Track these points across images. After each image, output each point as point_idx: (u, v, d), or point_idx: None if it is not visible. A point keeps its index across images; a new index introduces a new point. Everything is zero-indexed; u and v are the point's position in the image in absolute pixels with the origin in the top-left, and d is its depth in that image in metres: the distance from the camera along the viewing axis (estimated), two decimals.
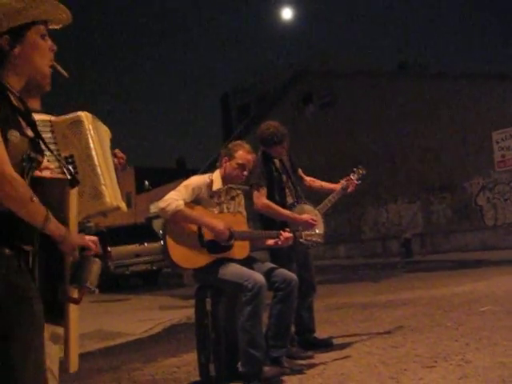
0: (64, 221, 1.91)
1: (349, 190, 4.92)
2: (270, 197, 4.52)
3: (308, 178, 5.08)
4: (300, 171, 5.04)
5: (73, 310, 1.93)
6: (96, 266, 1.93)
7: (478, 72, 17.42)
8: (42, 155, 1.95)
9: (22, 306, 1.77)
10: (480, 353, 3.92)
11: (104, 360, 5.36)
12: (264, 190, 4.50)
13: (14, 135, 1.77)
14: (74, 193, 1.96)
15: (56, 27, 2.04)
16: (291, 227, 4.35)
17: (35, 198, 1.76)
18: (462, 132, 16.60)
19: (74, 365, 1.95)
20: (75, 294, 1.91)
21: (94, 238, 1.98)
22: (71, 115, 2.25)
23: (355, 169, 5.05)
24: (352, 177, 4.98)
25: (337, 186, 4.96)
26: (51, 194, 1.94)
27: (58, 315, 1.94)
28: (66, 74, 2.51)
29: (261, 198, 4.46)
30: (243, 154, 4.04)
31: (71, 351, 1.94)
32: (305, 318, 4.74)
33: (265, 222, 4.59)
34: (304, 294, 4.61)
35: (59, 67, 2.23)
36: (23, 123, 1.87)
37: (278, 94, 24.26)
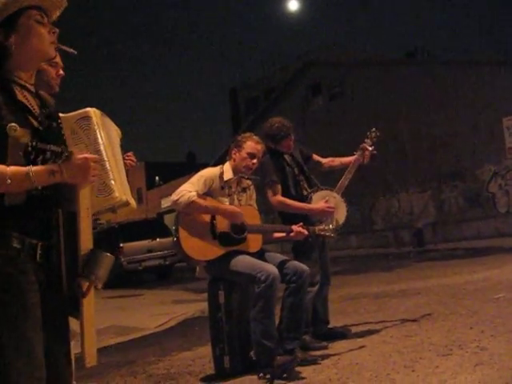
0: (76, 211, 1.93)
1: (364, 160, 4.77)
2: (286, 192, 4.52)
3: (326, 160, 5.02)
4: (315, 156, 5.00)
5: (87, 305, 1.93)
6: (107, 260, 1.94)
7: (488, 58, 17.28)
8: (59, 145, 1.92)
9: (12, 296, 1.78)
10: (495, 340, 3.89)
11: (119, 355, 5.39)
12: (278, 187, 4.49)
13: (13, 129, 1.77)
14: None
15: (56, 14, 2.03)
16: (311, 218, 4.38)
17: (9, 176, 1.75)
18: (472, 119, 16.47)
19: (90, 359, 1.95)
20: (84, 288, 1.91)
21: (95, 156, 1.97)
22: (80, 111, 2.25)
23: (368, 133, 4.87)
24: (366, 144, 4.82)
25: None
26: (64, 186, 1.94)
27: (75, 309, 1.95)
28: (73, 50, 2.46)
29: (275, 196, 4.46)
30: (252, 144, 4.05)
31: (86, 346, 1.94)
32: (319, 309, 4.74)
33: (285, 215, 4.61)
34: (319, 285, 4.62)
35: (64, 46, 2.22)
36: (29, 116, 1.89)
37: (286, 87, 24.19)
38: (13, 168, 1.76)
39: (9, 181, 1.75)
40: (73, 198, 1.95)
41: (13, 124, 1.78)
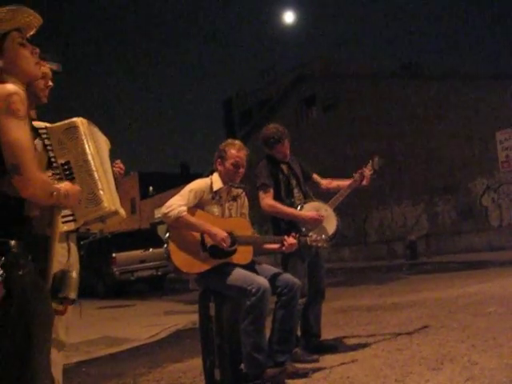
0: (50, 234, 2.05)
1: (363, 182, 4.80)
2: (278, 199, 4.54)
3: (325, 181, 5.01)
4: (315, 176, 5.01)
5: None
6: (71, 279, 2.08)
7: (481, 72, 17.39)
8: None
9: (43, 300, 1.94)
10: (486, 354, 3.90)
11: (110, 366, 5.36)
12: (270, 192, 4.53)
13: (38, 144, 1.96)
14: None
15: (31, 32, 2.11)
16: (300, 226, 4.38)
17: (55, 192, 1.92)
18: (465, 132, 16.55)
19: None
20: (59, 307, 2.06)
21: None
22: (66, 121, 2.24)
23: (370, 160, 4.90)
24: (366, 169, 4.84)
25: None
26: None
27: None
28: (56, 67, 2.56)
29: (266, 199, 4.49)
30: (234, 152, 4.03)
31: None
32: (311, 322, 4.73)
33: (275, 223, 4.61)
34: (312, 298, 4.60)
35: (49, 64, 2.28)
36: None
37: (280, 98, 24.28)
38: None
39: (55, 193, 1.91)
40: (49, 221, 2.04)
41: (38, 140, 1.99)
